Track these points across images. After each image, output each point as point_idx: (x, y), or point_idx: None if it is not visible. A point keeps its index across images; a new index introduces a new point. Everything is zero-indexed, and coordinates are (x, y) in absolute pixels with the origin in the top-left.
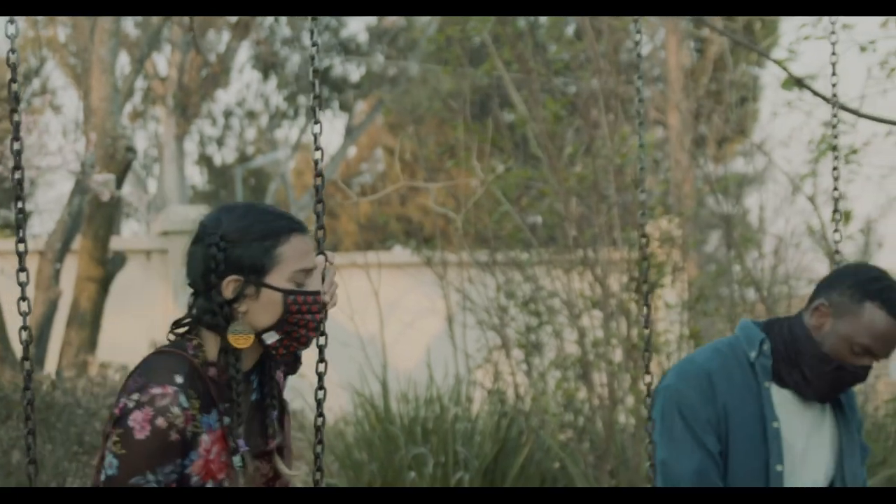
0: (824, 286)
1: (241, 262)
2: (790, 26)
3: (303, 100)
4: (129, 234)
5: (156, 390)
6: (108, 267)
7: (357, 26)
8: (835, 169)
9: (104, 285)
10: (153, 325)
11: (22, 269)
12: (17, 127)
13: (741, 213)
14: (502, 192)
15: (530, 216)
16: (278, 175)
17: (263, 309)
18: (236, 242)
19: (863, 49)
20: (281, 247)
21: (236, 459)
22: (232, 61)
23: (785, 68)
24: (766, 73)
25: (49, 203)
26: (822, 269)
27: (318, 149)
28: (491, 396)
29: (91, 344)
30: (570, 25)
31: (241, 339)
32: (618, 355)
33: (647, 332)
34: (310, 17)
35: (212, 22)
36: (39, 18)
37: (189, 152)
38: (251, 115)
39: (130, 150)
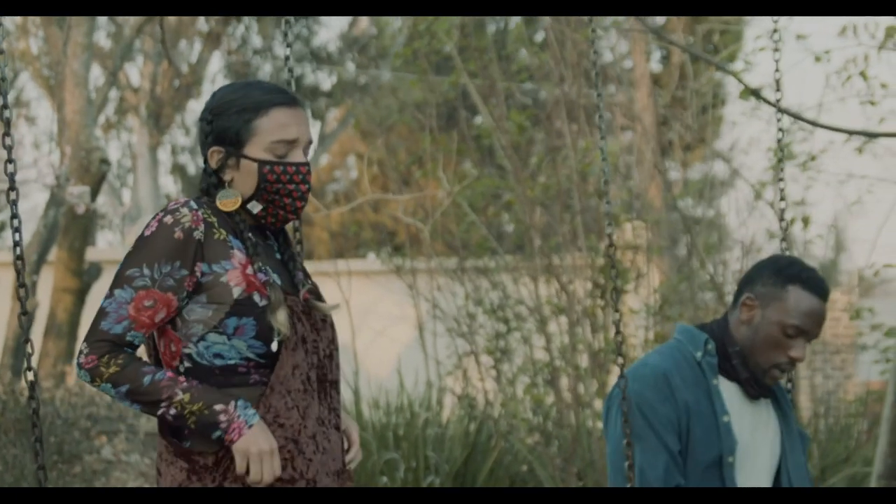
0: (746, 281)
1: (223, 134)
2: (752, 35)
3: None
4: (104, 245)
5: (169, 205)
6: (84, 278)
7: (328, 35)
8: (780, 170)
9: (80, 296)
10: None
11: (21, 284)
12: (9, 150)
13: (712, 217)
14: (469, 202)
15: (499, 225)
16: None
17: (243, 179)
18: (220, 115)
19: (817, 59)
20: (259, 119)
21: (276, 286)
22: (204, 71)
23: (739, 79)
24: (732, 81)
25: (23, 213)
26: None
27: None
28: (461, 402)
29: (68, 354)
30: (539, 33)
31: (227, 203)
32: (584, 360)
33: (618, 337)
34: (283, 21)
35: (183, 32)
36: (11, 30)
37: (163, 162)
38: None
39: (105, 161)
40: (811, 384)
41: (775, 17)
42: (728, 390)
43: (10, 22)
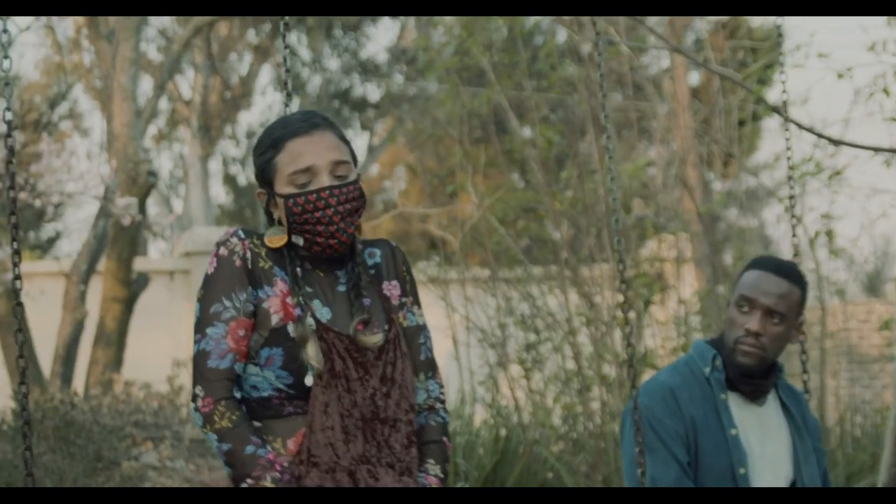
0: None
1: (259, 176)
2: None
3: None
4: (156, 255)
5: (220, 238)
6: (132, 287)
7: (376, 47)
8: (790, 186)
9: (129, 305)
10: (177, 344)
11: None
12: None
13: (750, 228)
14: (500, 215)
15: (529, 236)
16: None
17: (282, 215)
18: (255, 157)
19: (840, 76)
20: (278, 155)
21: (309, 320)
22: (254, 83)
23: (761, 98)
24: (769, 96)
25: (76, 224)
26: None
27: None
28: (491, 411)
29: (116, 362)
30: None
31: (273, 241)
32: (612, 370)
33: (629, 350)
34: (282, 22)
35: (232, 45)
36: (64, 44)
37: (214, 172)
38: None
39: (152, 174)
40: (848, 393)
41: (794, 38)
42: (736, 403)
43: (63, 35)
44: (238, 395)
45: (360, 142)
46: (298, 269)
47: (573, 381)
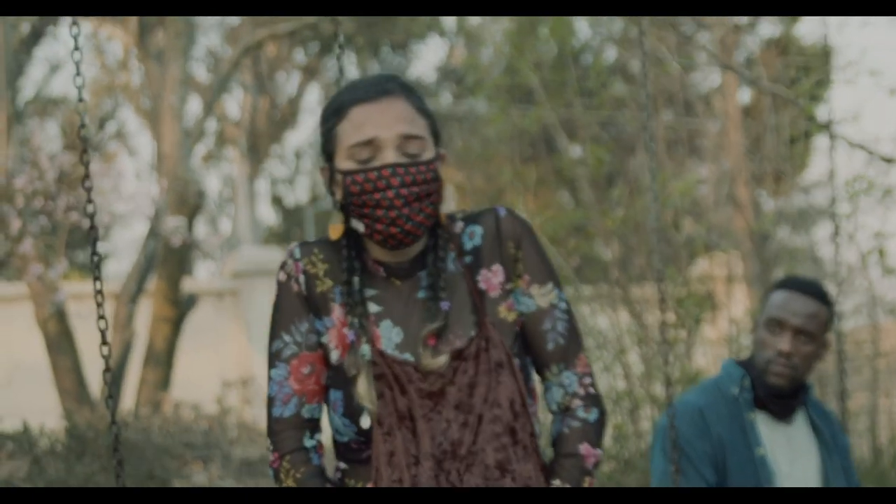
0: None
1: (323, 148)
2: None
3: None
4: (205, 275)
5: (283, 259)
6: (181, 307)
7: (424, 66)
8: (832, 204)
9: (177, 326)
10: (225, 364)
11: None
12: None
13: (803, 247)
14: (551, 233)
15: (580, 255)
16: None
17: (342, 195)
18: (321, 126)
19: (892, 93)
20: (340, 123)
21: (364, 349)
22: (301, 103)
23: (812, 116)
24: (824, 112)
25: (125, 244)
26: (857, 302)
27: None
28: (543, 429)
29: (165, 382)
30: (622, 65)
31: (332, 229)
32: (662, 390)
33: (667, 369)
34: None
35: (280, 64)
36: (112, 65)
37: (262, 193)
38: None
39: (201, 193)
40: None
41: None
42: (764, 423)
43: (113, 57)
44: (310, 443)
45: None
46: (356, 279)
47: (624, 401)
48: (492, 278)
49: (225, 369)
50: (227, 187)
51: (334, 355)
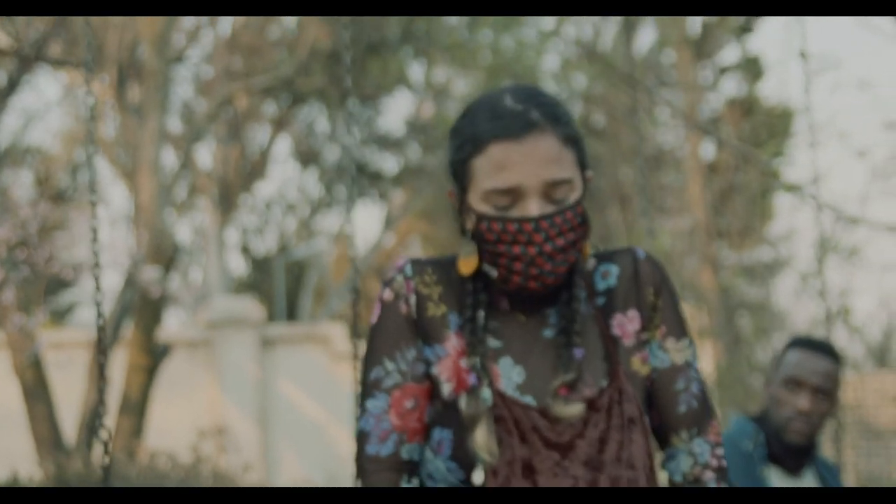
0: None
1: (451, 169)
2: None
3: (341, 190)
4: (175, 324)
5: (387, 274)
6: (155, 357)
7: (393, 119)
8: (820, 264)
9: (152, 374)
10: (198, 413)
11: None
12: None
13: (763, 300)
14: None
15: None
16: (318, 264)
17: (474, 230)
18: (450, 142)
19: (860, 155)
20: (476, 157)
21: (485, 393)
22: (272, 154)
23: (776, 176)
24: (789, 172)
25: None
26: None
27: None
28: None
29: (139, 431)
30: (597, 116)
31: (464, 264)
32: None
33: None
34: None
35: (252, 115)
36: (84, 114)
37: (230, 241)
38: (291, 207)
39: (176, 245)
40: (866, 467)
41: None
42: (777, 477)
43: (84, 106)
44: (409, 486)
45: (377, 212)
46: (482, 314)
47: None
48: (627, 325)
49: (198, 418)
50: (197, 237)
51: (446, 389)
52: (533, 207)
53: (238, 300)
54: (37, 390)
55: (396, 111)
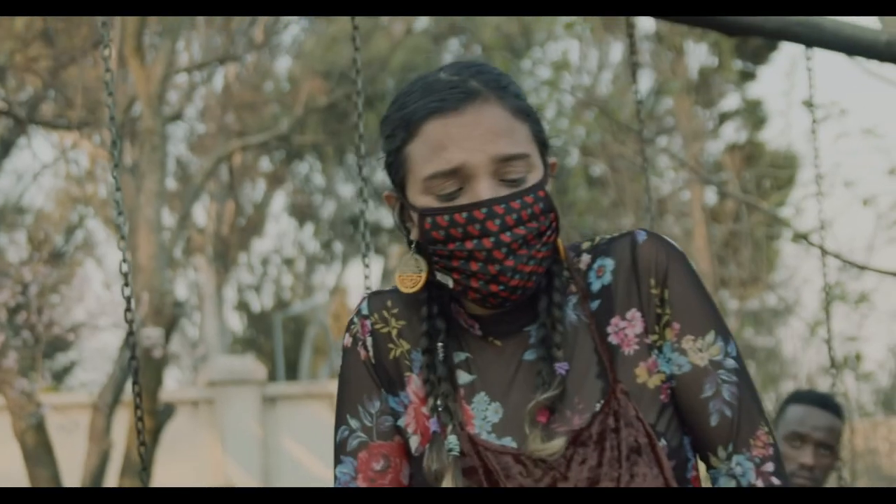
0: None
1: (388, 168)
2: (803, 179)
3: (338, 246)
4: (174, 384)
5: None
6: (158, 418)
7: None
8: (828, 313)
9: (155, 436)
10: (202, 473)
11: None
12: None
13: (771, 347)
14: None
15: None
16: (316, 320)
17: (420, 237)
18: (382, 138)
19: (865, 203)
20: (409, 144)
21: (450, 441)
22: (268, 210)
23: (787, 224)
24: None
25: (91, 353)
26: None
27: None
28: None
29: None
30: (595, 167)
31: (404, 282)
32: None
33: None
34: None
35: (247, 171)
36: (76, 174)
37: (227, 298)
38: (288, 262)
39: (177, 304)
40: None
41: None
42: None
43: (76, 167)
44: None
45: (375, 267)
46: (440, 344)
47: None
48: (626, 329)
49: (202, 477)
50: (192, 294)
51: (413, 442)
52: (483, 189)
53: (239, 359)
54: (39, 454)
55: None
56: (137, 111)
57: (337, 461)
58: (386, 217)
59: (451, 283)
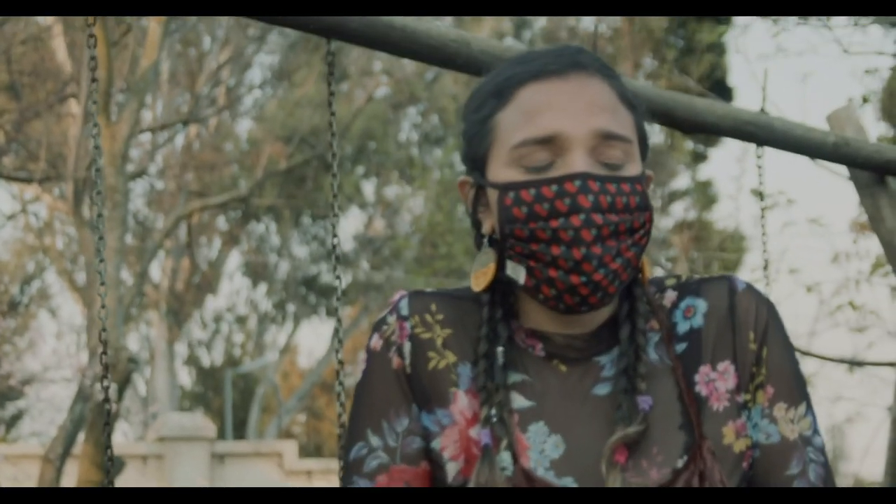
0: None
1: (467, 150)
2: (749, 265)
3: (290, 306)
4: (121, 437)
5: (384, 310)
6: (108, 471)
7: (343, 236)
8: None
9: None
10: None
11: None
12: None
13: None
14: None
15: None
16: (266, 378)
17: (496, 223)
18: (465, 120)
19: (809, 289)
20: (500, 112)
21: (503, 458)
22: (223, 268)
23: None
24: None
25: (41, 404)
26: None
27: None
28: None
29: None
30: None
31: (476, 277)
32: None
33: None
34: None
35: (204, 230)
36: (35, 225)
37: (180, 354)
38: (240, 320)
39: (132, 360)
40: None
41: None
42: None
43: (35, 219)
44: None
45: (324, 329)
46: (500, 351)
47: None
48: (718, 382)
49: None
50: (143, 349)
51: (451, 469)
52: (578, 162)
53: (190, 416)
54: None
55: (346, 228)
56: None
57: (348, 481)
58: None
59: (522, 277)
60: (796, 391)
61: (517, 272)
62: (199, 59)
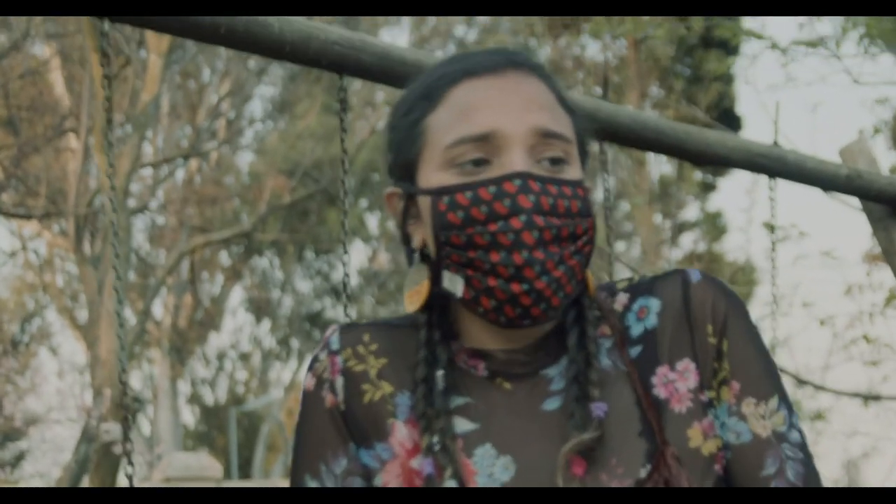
0: None
1: (396, 158)
2: (760, 297)
3: (295, 342)
4: (123, 478)
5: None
6: None
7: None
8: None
9: None
10: None
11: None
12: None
13: None
14: None
15: None
16: (271, 416)
17: (428, 235)
18: (391, 126)
19: (822, 323)
20: (431, 114)
21: (448, 483)
22: (225, 304)
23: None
24: None
25: (46, 444)
26: None
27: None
28: None
29: None
30: None
31: (410, 297)
32: None
33: None
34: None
35: (207, 266)
36: (35, 263)
37: (183, 392)
38: (244, 357)
39: (137, 400)
40: None
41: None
42: None
43: (35, 256)
44: None
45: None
46: (440, 375)
47: None
48: (677, 382)
49: None
50: (146, 388)
51: None
52: (517, 160)
53: (195, 456)
54: None
55: (350, 262)
56: (100, 203)
57: None
58: (343, 315)
59: (460, 289)
60: (766, 384)
61: (454, 283)
62: (199, 92)
